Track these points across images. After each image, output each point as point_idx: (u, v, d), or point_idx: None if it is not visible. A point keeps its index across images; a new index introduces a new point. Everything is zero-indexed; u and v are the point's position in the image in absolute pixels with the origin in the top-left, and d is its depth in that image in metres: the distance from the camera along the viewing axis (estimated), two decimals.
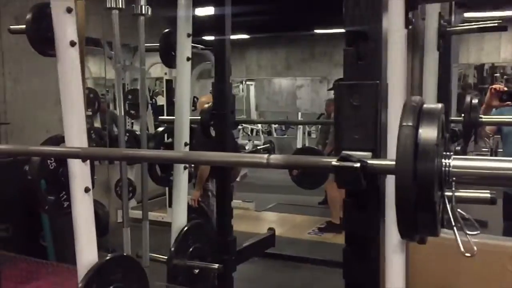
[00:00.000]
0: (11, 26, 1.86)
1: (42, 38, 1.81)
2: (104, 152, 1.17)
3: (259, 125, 11.91)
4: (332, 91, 4.40)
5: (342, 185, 0.98)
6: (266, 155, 1.04)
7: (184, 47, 2.48)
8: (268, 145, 10.69)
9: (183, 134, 2.50)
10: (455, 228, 0.82)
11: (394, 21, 0.99)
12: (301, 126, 11.20)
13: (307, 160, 1.00)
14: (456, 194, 0.82)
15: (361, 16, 1.02)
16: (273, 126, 13.84)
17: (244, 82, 12.17)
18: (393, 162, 0.79)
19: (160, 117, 3.37)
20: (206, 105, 4.60)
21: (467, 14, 7.15)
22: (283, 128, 13.58)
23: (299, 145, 10.19)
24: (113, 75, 3.98)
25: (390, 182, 1.08)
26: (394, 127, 1.11)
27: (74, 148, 1.18)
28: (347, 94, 1.01)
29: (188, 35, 2.49)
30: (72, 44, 1.79)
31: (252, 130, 12.04)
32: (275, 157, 1.03)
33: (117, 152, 1.15)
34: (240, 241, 2.97)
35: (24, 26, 1.84)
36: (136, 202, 5.81)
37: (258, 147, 8.91)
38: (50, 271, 2.74)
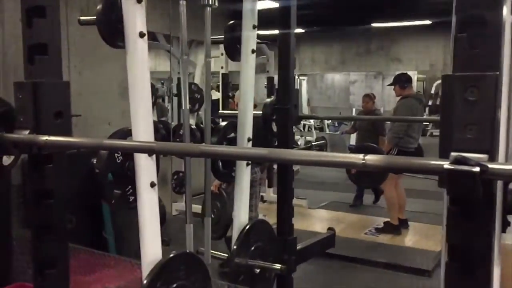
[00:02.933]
0: (81, 17, 1.84)
1: (111, 29, 1.77)
2: (179, 147, 1.10)
3: (312, 121, 11.73)
4: (392, 87, 4.18)
5: (454, 192, 0.86)
6: (361, 155, 0.93)
7: (249, 39, 2.40)
8: (322, 141, 10.54)
9: (246, 129, 2.42)
10: None
11: None
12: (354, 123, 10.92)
13: (410, 162, 0.89)
14: None
15: None
16: (326, 122, 13.61)
17: (297, 77, 11.99)
18: None
19: (220, 111, 3.33)
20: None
21: None
22: (336, 124, 13.32)
23: (352, 141, 9.92)
24: (167, 68, 4.00)
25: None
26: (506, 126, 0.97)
27: (148, 142, 1.12)
28: (460, 88, 0.88)
29: (254, 27, 2.41)
30: (141, 35, 1.75)
31: (304, 125, 11.88)
32: (372, 158, 0.92)
33: (194, 148, 1.08)
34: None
35: (93, 17, 1.81)
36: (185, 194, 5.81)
37: (313, 144, 8.78)
38: (111, 263, 2.75)
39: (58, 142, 1.30)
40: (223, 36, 2.51)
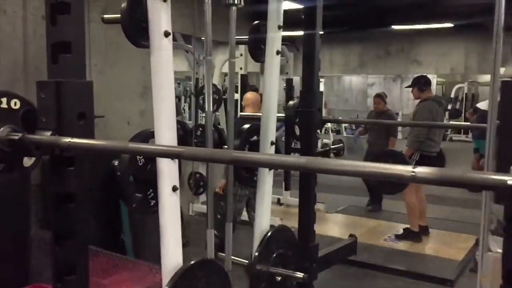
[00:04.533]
0: (104, 15, 1.79)
1: (136, 28, 1.72)
2: (209, 153, 1.04)
3: (329, 123, 11.60)
4: (410, 89, 4.07)
5: None
6: (410, 168, 0.86)
7: (274, 40, 2.34)
8: (340, 144, 10.42)
9: (270, 132, 2.36)
10: None
11: None
12: None
13: (466, 177, 0.81)
14: None
15: None
16: (343, 124, 13.48)
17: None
18: None
19: (240, 113, 3.27)
20: (249, 102, 4.53)
21: None
22: (353, 127, 13.19)
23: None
24: (182, 68, 3.92)
25: None
26: None
27: (176, 147, 1.06)
28: None
29: (279, 28, 2.35)
30: (166, 34, 1.70)
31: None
32: (423, 171, 0.84)
33: (225, 155, 1.01)
34: None
35: (117, 15, 1.76)
36: (206, 197, 5.77)
37: (331, 147, 8.68)
38: (128, 266, 2.71)
39: (81, 145, 1.25)
40: (245, 37, 2.45)
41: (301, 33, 2.78)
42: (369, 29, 10.35)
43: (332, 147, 9.54)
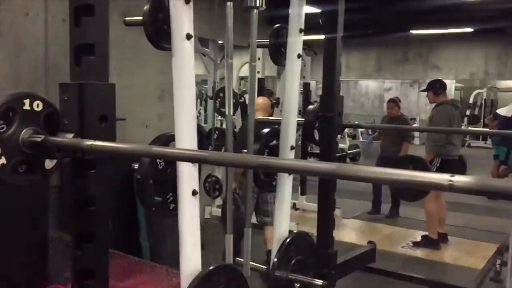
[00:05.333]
0: (126, 18, 1.78)
1: (158, 30, 1.71)
2: (234, 158, 1.01)
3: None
4: (425, 93, 3.98)
5: None
6: (448, 176, 0.82)
7: (296, 43, 2.31)
8: (357, 149, 10.33)
9: (290, 137, 2.33)
10: None
11: None
12: None
13: (510, 187, 0.76)
14: None
15: None
16: (359, 129, 13.37)
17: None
18: None
19: (259, 117, 3.26)
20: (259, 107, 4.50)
21: None
22: (370, 132, 13.08)
23: None
24: (200, 72, 3.89)
25: None
26: None
27: (201, 152, 1.04)
28: None
29: (300, 31, 2.32)
30: (188, 37, 1.68)
31: None
32: (461, 180, 0.81)
33: (251, 160, 0.99)
34: None
35: (138, 18, 1.75)
36: (222, 201, 5.76)
37: (347, 152, 8.60)
38: (146, 270, 2.69)
39: (103, 148, 1.23)
40: (264, 40, 2.43)
41: (318, 37, 2.76)
42: (387, 34, 10.27)
43: (348, 152, 9.46)
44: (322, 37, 2.72)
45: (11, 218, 2.73)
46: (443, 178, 0.82)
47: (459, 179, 0.80)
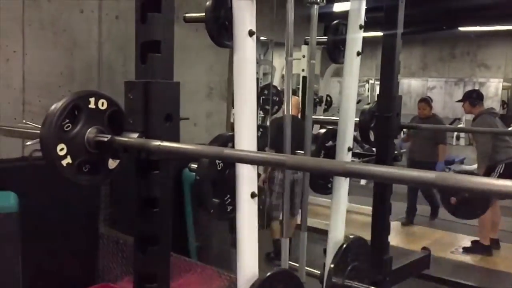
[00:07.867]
0: (186, 15, 1.73)
1: (219, 27, 1.65)
2: (315, 163, 0.94)
3: None
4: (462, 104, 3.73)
5: None
6: None
7: (355, 40, 2.22)
8: (403, 150, 10.05)
9: (347, 137, 2.24)
10: None
11: None
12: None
13: None
14: None
15: None
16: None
17: (370, 81, 11.45)
18: None
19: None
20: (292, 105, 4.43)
21: None
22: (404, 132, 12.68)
23: None
24: None
25: None
26: None
27: (278, 155, 0.97)
28: None
29: (360, 27, 2.22)
30: (251, 33, 1.62)
31: None
32: None
33: (336, 166, 0.91)
34: None
35: (200, 14, 1.70)
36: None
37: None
38: (196, 270, 2.66)
39: (172, 149, 1.18)
40: (322, 38, 2.35)
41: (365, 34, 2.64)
42: (433, 31, 9.95)
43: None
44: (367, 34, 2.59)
45: (68, 213, 2.75)
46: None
47: None
